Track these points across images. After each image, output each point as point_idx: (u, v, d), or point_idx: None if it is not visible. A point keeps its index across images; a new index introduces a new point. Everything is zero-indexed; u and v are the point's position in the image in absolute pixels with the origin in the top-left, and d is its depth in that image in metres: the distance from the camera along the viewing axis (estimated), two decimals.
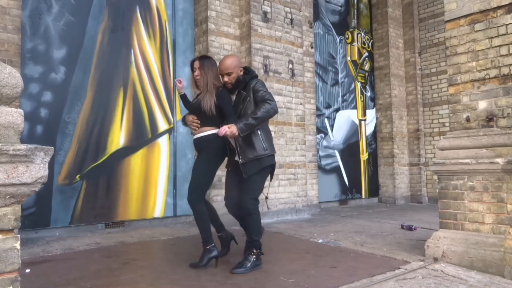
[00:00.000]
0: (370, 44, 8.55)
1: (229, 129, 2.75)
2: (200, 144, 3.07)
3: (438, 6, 8.10)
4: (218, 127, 2.90)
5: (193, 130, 3.08)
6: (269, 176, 3.11)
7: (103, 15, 4.94)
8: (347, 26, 8.10)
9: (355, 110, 8.07)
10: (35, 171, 1.28)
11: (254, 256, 2.90)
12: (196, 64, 3.08)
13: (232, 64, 3.00)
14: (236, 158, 2.98)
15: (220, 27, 5.58)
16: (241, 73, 3.05)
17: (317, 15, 7.34)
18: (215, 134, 2.90)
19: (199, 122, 3.04)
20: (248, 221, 2.93)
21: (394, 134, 8.16)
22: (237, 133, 2.75)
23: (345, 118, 7.82)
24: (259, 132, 2.94)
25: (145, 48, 5.24)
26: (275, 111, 2.88)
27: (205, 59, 3.13)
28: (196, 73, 3.07)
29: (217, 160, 3.08)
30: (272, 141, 3.11)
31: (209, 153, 3.02)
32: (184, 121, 3.19)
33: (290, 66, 5.97)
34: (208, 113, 2.96)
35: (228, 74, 3.00)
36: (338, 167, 7.59)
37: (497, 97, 3.02)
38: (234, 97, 3.11)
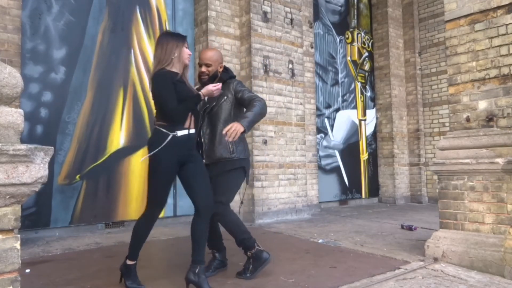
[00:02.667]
0: (370, 44, 8.55)
1: (234, 128, 2.50)
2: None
3: (438, 6, 8.10)
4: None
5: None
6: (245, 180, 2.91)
7: (103, 15, 4.94)
8: (347, 26, 8.10)
9: (355, 110, 8.07)
10: (35, 171, 1.28)
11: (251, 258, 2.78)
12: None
13: (214, 57, 2.87)
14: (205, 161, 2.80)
15: (220, 27, 5.57)
16: (220, 70, 2.90)
17: (317, 15, 7.34)
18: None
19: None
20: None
21: (394, 134, 8.16)
22: (242, 130, 2.53)
23: (345, 118, 7.82)
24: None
25: (145, 48, 5.24)
26: (266, 110, 2.78)
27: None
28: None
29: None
30: (245, 144, 2.89)
31: None
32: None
33: (290, 66, 5.97)
34: None
35: (207, 66, 2.85)
36: (338, 167, 7.59)
37: (497, 97, 3.02)
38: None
